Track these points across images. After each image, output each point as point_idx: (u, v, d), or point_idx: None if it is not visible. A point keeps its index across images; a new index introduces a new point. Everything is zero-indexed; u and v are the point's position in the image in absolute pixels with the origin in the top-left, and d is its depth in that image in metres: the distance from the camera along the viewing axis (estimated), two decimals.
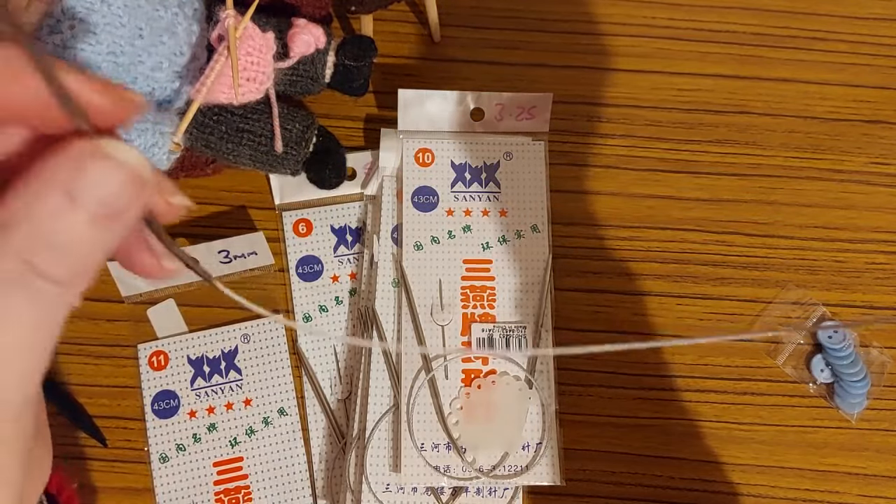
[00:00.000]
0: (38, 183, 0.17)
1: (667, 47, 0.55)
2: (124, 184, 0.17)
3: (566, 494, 0.47)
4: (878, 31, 0.56)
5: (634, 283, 0.50)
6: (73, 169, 0.17)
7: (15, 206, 0.16)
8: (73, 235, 0.17)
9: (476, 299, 0.48)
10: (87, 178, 0.17)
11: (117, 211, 0.17)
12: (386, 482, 0.45)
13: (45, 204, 0.16)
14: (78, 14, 0.39)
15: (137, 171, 0.17)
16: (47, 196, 0.16)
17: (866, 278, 0.51)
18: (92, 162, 0.17)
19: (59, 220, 0.17)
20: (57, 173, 0.17)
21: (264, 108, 0.46)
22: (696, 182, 0.52)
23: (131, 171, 0.17)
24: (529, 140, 0.51)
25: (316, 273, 0.50)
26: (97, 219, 0.17)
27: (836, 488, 0.47)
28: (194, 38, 0.44)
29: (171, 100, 0.44)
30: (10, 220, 0.16)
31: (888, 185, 0.53)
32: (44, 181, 0.17)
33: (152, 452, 0.46)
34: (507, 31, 0.55)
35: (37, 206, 0.16)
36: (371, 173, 0.51)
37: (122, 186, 0.17)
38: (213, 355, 0.48)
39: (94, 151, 0.17)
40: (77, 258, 0.17)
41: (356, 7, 0.49)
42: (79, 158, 0.17)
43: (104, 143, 0.17)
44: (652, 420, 0.48)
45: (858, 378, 0.47)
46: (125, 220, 0.18)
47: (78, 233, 0.17)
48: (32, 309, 0.17)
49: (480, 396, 0.46)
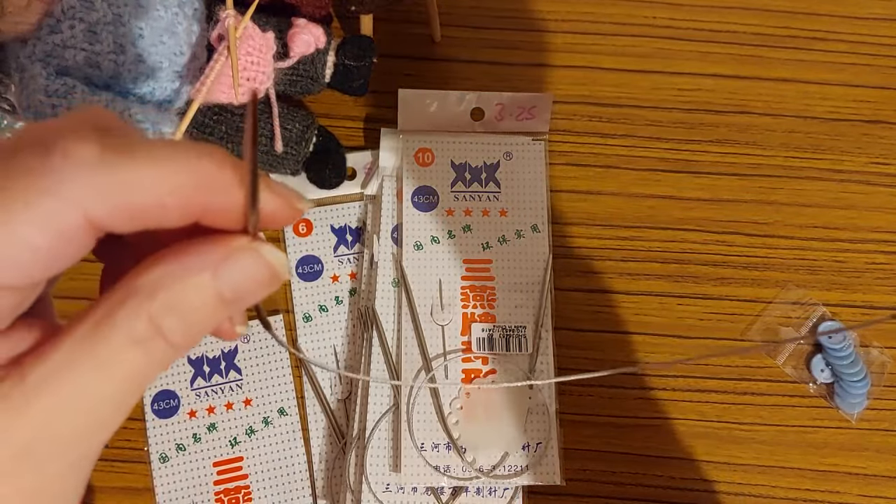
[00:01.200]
0: (188, 262, 0.18)
1: (667, 47, 0.55)
2: (262, 279, 0.19)
3: (566, 494, 0.46)
4: (878, 31, 0.56)
5: (635, 283, 0.50)
6: (224, 256, 0.19)
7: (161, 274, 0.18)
8: (200, 310, 0.18)
9: (476, 299, 0.48)
10: (235, 266, 0.19)
11: (244, 298, 0.19)
12: (386, 482, 0.45)
13: (190, 281, 0.18)
14: (78, 14, 0.39)
15: (277, 272, 0.20)
16: (194, 273, 0.18)
17: (866, 278, 0.51)
18: (243, 254, 0.19)
19: (193, 294, 0.18)
20: (210, 256, 0.19)
21: (264, 108, 0.46)
22: (696, 182, 0.52)
23: (272, 271, 0.19)
24: (529, 140, 0.51)
25: (316, 273, 0.50)
26: (225, 300, 0.19)
27: (837, 488, 0.47)
28: (194, 38, 0.44)
29: (171, 100, 0.44)
30: (153, 285, 0.18)
31: (888, 185, 0.53)
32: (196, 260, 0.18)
33: (152, 452, 0.46)
34: (507, 31, 0.55)
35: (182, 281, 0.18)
36: (371, 173, 0.51)
37: (259, 281, 0.19)
38: (213, 355, 0.48)
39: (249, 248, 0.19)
40: (194, 327, 0.19)
41: (356, 7, 0.49)
42: (233, 250, 0.19)
43: (261, 244, 0.19)
44: (652, 420, 0.48)
45: (858, 378, 0.47)
46: (245, 304, 0.20)
47: (205, 308, 0.19)
48: (143, 366, 0.18)
49: (480, 396, 0.46)
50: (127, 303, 0.18)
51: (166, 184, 0.18)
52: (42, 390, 0.17)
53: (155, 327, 0.18)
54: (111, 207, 0.17)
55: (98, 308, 0.18)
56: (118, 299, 0.18)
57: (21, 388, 0.17)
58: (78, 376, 0.17)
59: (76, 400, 0.17)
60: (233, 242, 0.19)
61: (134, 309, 0.18)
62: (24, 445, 0.17)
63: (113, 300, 0.18)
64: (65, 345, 0.17)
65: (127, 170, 0.18)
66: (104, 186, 0.17)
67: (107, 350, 0.17)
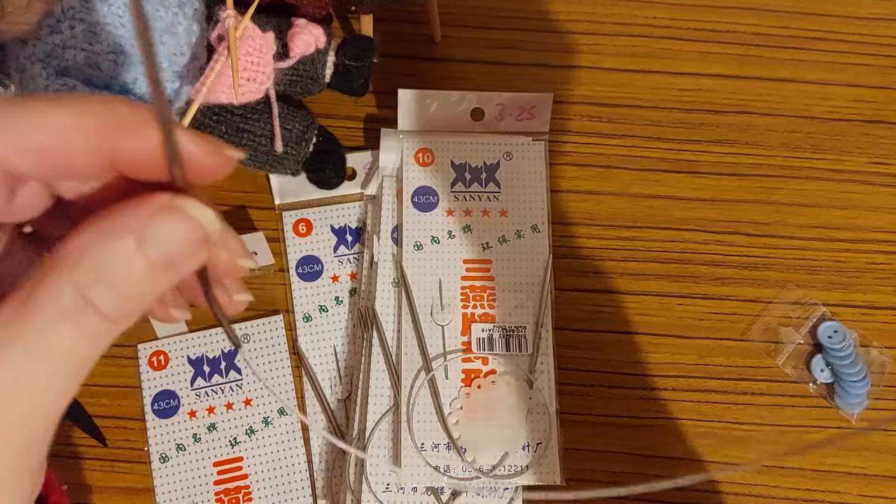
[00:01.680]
0: (111, 224, 0.17)
1: (667, 47, 0.55)
2: (190, 240, 0.18)
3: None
4: (878, 31, 0.56)
5: (635, 283, 0.50)
6: (147, 218, 0.17)
7: (82, 242, 0.17)
8: (131, 278, 0.17)
9: (476, 299, 0.48)
10: (158, 228, 0.17)
11: (176, 262, 0.18)
12: (386, 482, 0.45)
13: (113, 244, 0.17)
14: (78, 14, 0.39)
15: (206, 230, 0.18)
16: (116, 238, 0.17)
17: (866, 278, 0.51)
18: (166, 214, 0.18)
19: (121, 262, 0.17)
20: (131, 219, 0.17)
21: (264, 108, 0.47)
22: (696, 182, 0.52)
23: (200, 230, 0.18)
24: (529, 140, 0.51)
25: (316, 273, 0.50)
26: (156, 266, 0.18)
27: (837, 488, 0.47)
28: (194, 38, 0.44)
29: (171, 100, 0.44)
30: (76, 255, 0.17)
31: (888, 185, 0.53)
32: (117, 224, 0.17)
33: (152, 452, 0.46)
34: (507, 31, 0.55)
35: (104, 245, 0.17)
36: (371, 173, 0.51)
37: (187, 242, 0.18)
38: (213, 355, 0.48)
39: (171, 205, 0.18)
40: (128, 299, 0.18)
41: (356, 7, 0.49)
42: (155, 209, 0.18)
43: (182, 200, 0.18)
44: (652, 420, 0.48)
45: (858, 378, 0.47)
46: (180, 273, 0.18)
47: (136, 276, 0.17)
48: (77, 341, 0.17)
49: (480, 396, 0.46)
50: (51, 275, 0.17)
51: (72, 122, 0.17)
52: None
53: (83, 299, 0.17)
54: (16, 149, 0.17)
55: (22, 287, 0.17)
56: (44, 273, 0.17)
57: None
58: (7, 361, 0.17)
59: (8, 384, 0.17)
60: (155, 200, 0.18)
61: (58, 280, 0.17)
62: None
63: (39, 275, 0.17)
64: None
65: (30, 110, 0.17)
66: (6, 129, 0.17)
67: (34, 328, 0.17)
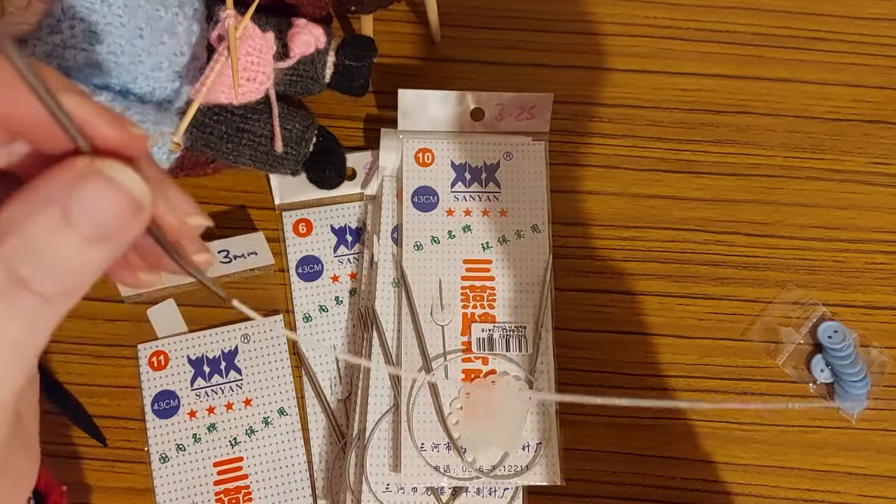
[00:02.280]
0: (35, 197, 0.16)
1: (667, 47, 0.55)
2: (121, 207, 0.17)
3: (566, 494, 0.46)
4: (878, 31, 0.56)
5: (635, 283, 0.50)
6: (70, 187, 0.17)
7: (7, 216, 0.16)
8: (64, 253, 0.17)
9: (476, 299, 0.48)
10: (83, 197, 0.17)
11: (111, 233, 0.17)
12: (386, 482, 0.45)
13: (39, 218, 0.16)
14: (78, 14, 0.39)
15: (136, 195, 0.17)
16: (42, 211, 0.16)
17: (866, 278, 0.51)
18: (90, 182, 0.17)
19: (50, 236, 0.16)
20: (54, 189, 0.16)
21: (264, 108, 0.46)
22: (696, 182, 0.52)
23: (129, 196, 0.17)
24: (529, 140, 0.51)
25: (316, 273, 0.50)
26: (90, 239, 0.17)
27: (837, 488, 0.47)
28: (194, 38, 0.44)
29: (171, 100, 0.44)
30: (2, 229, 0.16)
31: (888, 185, 0.53)
32: (40, 196, 0.16)
33: (152, 452, 0.46)
34: (507, 31, 0.55)
35: (30, 220, 0.16)
36: (371, 173, 0.51)
37: (117, 210, 0.17)
38: (213, 355, 0.48)
39: (94, 171, 0.17)
40: (65, 275, 0.17)
41: (356, 7, 0.49)
42: (78, 177, 0.17)
43: (105, 164, 0.17)
44: (652, 420, 0.48)
45: (858, 378, 0.47)
46: (118, 243, 0.17)
47: (69, 250, 0.17)
48: (14, 320, 0.17)
49: (480, 396, 0.46)
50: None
51: None
52: None
53: (13, 276, 0.16)
54: None
55: None
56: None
57: None
58: None
59: None
60: (75, 166, 0.17)
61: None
62: None
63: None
64: None
65: None
66: None
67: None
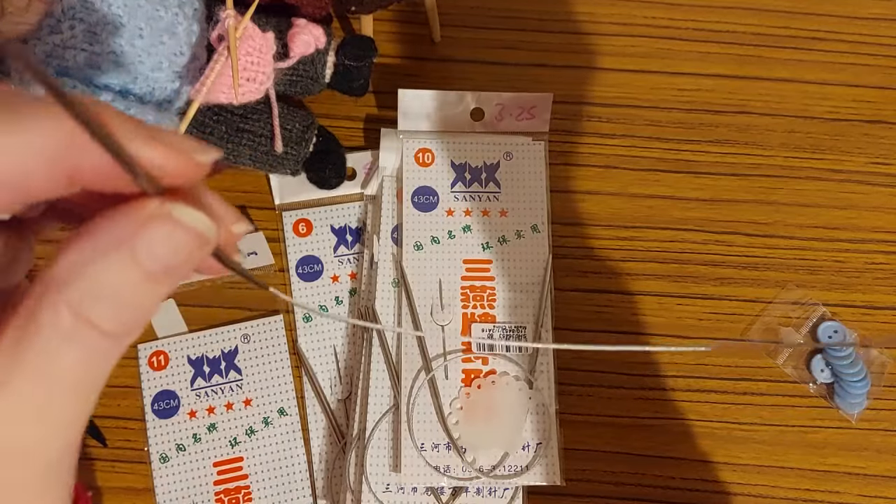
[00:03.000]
0: (100, 240, 0.17)
1: (667, 47, 0.55)
2: (186, 246, 0.17)
3: (566, 494, 0.46)
4: (878, 31, 0.56)
5: (634, 283, 0.50)
6: (136, 230, 0.17)
7: (73, 260, 0.17)
8: (131, 293, 0.17)
9: (476, 299, 0.48)
10: (151, 240, 0.17)
11: (177, 269, 0.18)
12: (386, 482, 0.45)
13: (105, 262, 0.17)
14: (78, 14, 0.39)
15: (202, 233, 0.18)
16: (108, 255, 0.17)
17: (866, 278, 0.51)
18: (157, 225, 0.17)
19: (117, 279, 0.17)
20: (120, 232, 0.17)
21: (264, 108, 0.47)
22: (696, 182, 0.52)
23: (195, 234, 0.18)
24: (529, 140, 0.51)
25: (316, 273, 0.50)
26: (152, 276, 0.17)
27: (837, 488, 0.47)
28: (194, 38, 0.44)
29: (171, 100, 0.44)
30: (67, 274, 0.17)
31: (888, 185, 0.53)
32: (106, 239, 0.17)
33: (152, 452, 0.46)
34: (507, 31, 0.55)
35: (97, 264, 0.17)
36: (371, 173, 0.51)
37: (183, 248, 0.17)
38: (213, 355, 0.48)
39: (161, 215, 0.17)
40: (129, 312, 0.17)
41: (356, 7, 0.49)
42: (144, 220, 0.17)
43: (170, 206, 0.17)
44: (652, 420, 0.48)
45: (858, 378, 0.47)
46: (180, 276, 0.18)
47: (135, 290, 0.17)
48: (82, 361, 0.17)
49: (480, 396, 0.46)
50: (44, 299, 0.17)
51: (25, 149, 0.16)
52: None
53: (82, 318, 0.17)
54: None
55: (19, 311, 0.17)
56: (36, 297, 0.17)
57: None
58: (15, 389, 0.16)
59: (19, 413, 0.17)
60: (143, 210, 0.17)
61: (53, 303, 0.16)
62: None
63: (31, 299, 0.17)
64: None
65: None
66: None
67: (37, 353, 0.16)
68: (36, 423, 0.17)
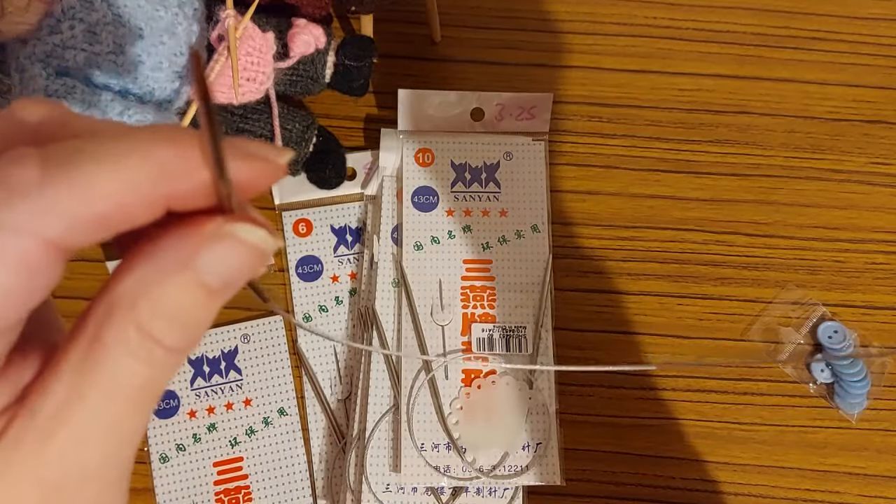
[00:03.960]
0: (163, 260, 0.17)
1: (667, 47, 0.55)
2: (247, 263, 0.18)
3: (566, 494, 0.46)
4: (878, 31, 0.56)
5: (634, 283, 0.50)
6: (200, 248, 0.17)
7: (138, 280, 0.17)
8: (192, 308, 0.17)
9: (476, 299, 0.48)
10: (214, 259, 0.17)
11: (236, 283, 0.18)
12: (386, 482, 0.45)
13: (170, 282, 0.17)
14: (78, 14, 0.39)
15: (261, 250, 0.18)
16: (173, 275, 0.17)
17: (866, 278, 0.51)
18: (220, 243, 0.17)
19: (180, 296, 0.17)
20: (183, 251, 0.17)
21: (264, 108, 0.47)
22: (696, 182, 0.52)
23: (255, 251, 0.18)
24: (529, 140, 0.51)
25: (316, 273, 0.50)
26: (215, 291, 0.18)
27: (837, 488, 0.47)
28: (194, 38, 0.44)
29: (171, 100, 0.44)
30: (134, 294, 0.17)
31: (888, 185, 0.53)
32: (170, 259, 0.17)
33: (152, 452, 0.46)
34: (507, 31, 0.55)
35: (161, 284, 0.17)
36: (371, 173, 0.51)
37: (244, 265, 0.18)
38: (212, 355, 0.48)
39: (225, 235, 0.18)
40: (193, 328, 0.18)
41: (356, 7, 0.49)
42: (208, 238, 0.17)
43: (233, 225, 0.18)
44: (652, 420, 0.48)
45: (858, 378, 0.47)
46: (237, 289, 0.18)
47: (198, 307, 0.18)
48: (147, 376, 0.17)
49: (480, 396, 0.46)
50: (112, 318, 0.17)
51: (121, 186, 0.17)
52: (55, 427, 0.17)
53: (148, 336, 0.17)
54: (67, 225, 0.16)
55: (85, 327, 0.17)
56: (102, 315, 0.17)
57: (33, 428, 0.17)
58: (87, 405, 0.17)
59: (91, 428, 0.17)
60: (205, 229, 0.17)
61: (120, 323, 0.17)
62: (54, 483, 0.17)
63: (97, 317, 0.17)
64: (65, 375, 0.17)
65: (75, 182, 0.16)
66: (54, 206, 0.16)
67: (107, 372, 0.17)
68: (108, 439, 0.17)
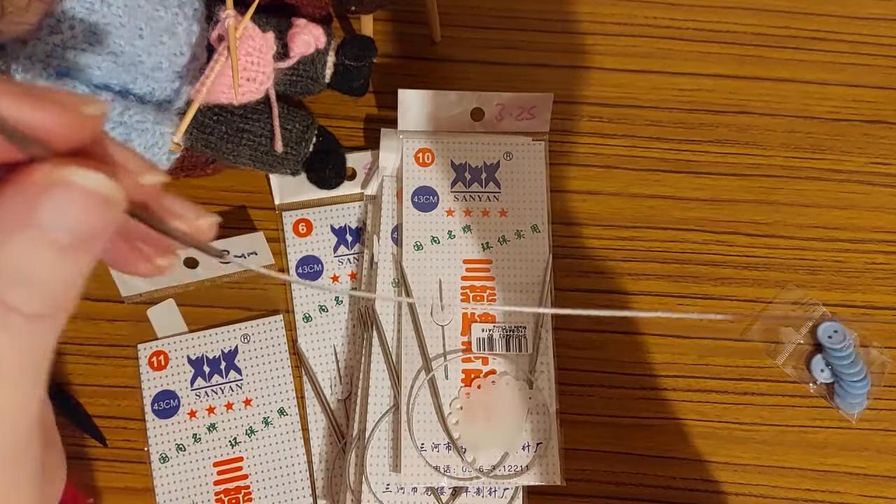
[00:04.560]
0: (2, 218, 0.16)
1: (667, 47, 0.55)
2: (89, 209, 0.16)
3: (566, 494, 0.47)
4: (878, 31, 0.56)
5: (634, 283, 0.50)
6: (33, 200, 0.16)
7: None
8: (46, 270, 0.16)
9: (476, 299, 0.48)
10: (50, 208, 0.16)
11: (86, 237, 0.17)
12: (386, 482, 0.45)
13: (13, 243, 0.16)
14: (78, 14, 0.39)
15: (104, 193, 0.17)
16: (14, 234, 0.16)
17: (866, 278, 0.51)
18: (53, 191, 0.16)
19: (28, 258, 0.16)
20: (16, 207, 0.16)
21: (264, 108, 0.46)
22: (696, 182, 0.52)
23: (96, 196, 0.16)
24: (529, 140, 0.51)
25: (316, 273, 0.50)
26: (65, 248, 0.16)
27: (837, 488, 0.47)
28: (194, 38, 0.44)
29: (171, 100, 0.44)
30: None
31: (888, 185, 0.53)
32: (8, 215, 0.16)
33: (152, 452, 0.46)
34: (507, 31, 0.55)
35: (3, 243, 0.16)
36: (371, 173, 0.51)
37: (87, 212, 0.16)
38: (213, 355, 0.48)
39: (56, 182, 0.16)
40: (51, 290, 0.16)
41: (356, 7, 0.49)
42: (38, 189, 0.16)
43: (66, 171, 0.16)
44: (652, 420, 0.48)
45: (858, 378, 0.47)
46: (96, 244, 0.17)
47: (47, 265, 0.16)
48: (13, 347, 0.16)
49: (480, 396, 0.46)
50: None
51: None
52: None
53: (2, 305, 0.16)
54: None
55: None
56: None
57: None
58: None
59: None
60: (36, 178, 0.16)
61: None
62: None
63: None
64: None
65: None
66: None
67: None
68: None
